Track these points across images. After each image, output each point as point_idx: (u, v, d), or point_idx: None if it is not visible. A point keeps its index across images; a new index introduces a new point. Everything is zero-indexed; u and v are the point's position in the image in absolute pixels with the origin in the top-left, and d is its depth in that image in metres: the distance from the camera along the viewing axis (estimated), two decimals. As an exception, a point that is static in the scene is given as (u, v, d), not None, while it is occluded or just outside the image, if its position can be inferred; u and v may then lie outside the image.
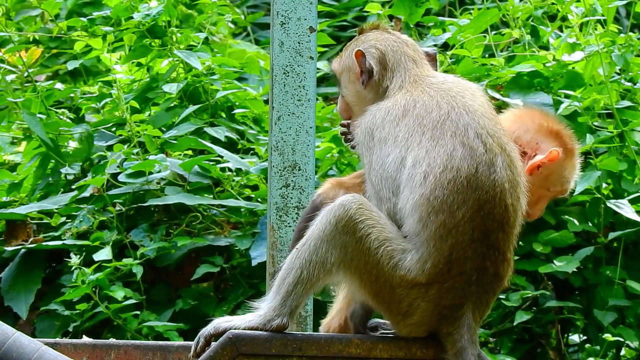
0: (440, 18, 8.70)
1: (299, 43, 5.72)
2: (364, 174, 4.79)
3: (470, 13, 8.68)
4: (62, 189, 8.24)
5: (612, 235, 7.56)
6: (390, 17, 8.51)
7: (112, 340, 5.47)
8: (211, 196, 7.86)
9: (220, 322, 4.69)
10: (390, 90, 4.79)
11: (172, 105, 8.32)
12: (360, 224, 4.56)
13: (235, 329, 4.61)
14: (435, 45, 8.28)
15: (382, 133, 4.65)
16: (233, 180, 7.89)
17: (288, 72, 5.72)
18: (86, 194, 7.89)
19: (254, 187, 7.99)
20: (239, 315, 4.73)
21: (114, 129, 8.29)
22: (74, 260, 7.25)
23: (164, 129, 8.15)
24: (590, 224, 7.68)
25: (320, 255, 4.59)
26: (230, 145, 8.22)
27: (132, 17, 8.28)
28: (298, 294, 4.62)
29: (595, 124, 7.77)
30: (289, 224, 5.69)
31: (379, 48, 4.87)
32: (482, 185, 4.53)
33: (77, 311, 7.49)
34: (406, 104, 4.67)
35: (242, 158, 8.01)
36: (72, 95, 9.02)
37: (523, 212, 4.66)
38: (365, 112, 4.76)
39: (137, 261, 7.51)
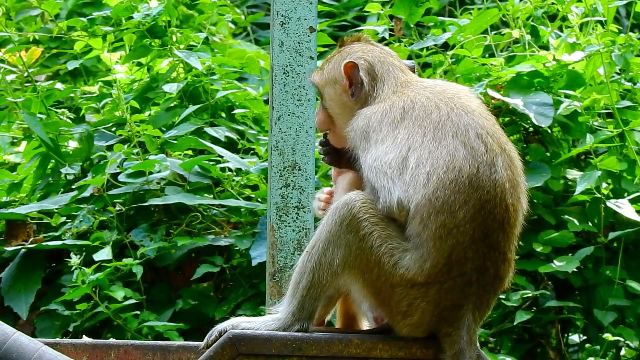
0: (440, 18, 8.69)
1: (299, 43, 5.72)
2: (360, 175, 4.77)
3: (470, 13, 8.68)
4: (62, 189, 8.24)
5: (612, 235, 7.55)
6: (391, 17, 8.50)
7: (112, 340, 5.46)
8: (211, 196, 7.86)
9: (240, 321, 4.68)
10: (381, 95, 4.77)
11: (172, 105, 8.32)
12: (364, 222, 4.56)
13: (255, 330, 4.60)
14: (435, 45, 8.28)
15: (379, 135, 4.63)
16: (233, 180, 7.89)
17: (288, 72, 5.72)
18: (86, 194, 7.88)
19: (254, 187, 7.99)
20: (259, 317, 4.72)
21: (114, 129, 8.29)
22: (74, 260, 7.25)
23: (164, 129, 8.15)
24: (590, 224, 7.68)
25: (328, 257, 4.59)
26: (230, 145, 8.22)
27: (132, 17, 8.27)
28: (313, 297, 4.62)
29: (595, 124, 7.77)
30: (289, 224, 5.69)
31: (367, 59, 4.85)
32: (484, 185, 4.52)
33: (77, 311, 7.48)
34: (404, 105, 4.66)
35: (242, 158, 8.00)
36: (72, 95, 9.02)
37: (524, 212, 4.67)
38: (354, 117, 4.74)
39: (137, 261, 7.51)
